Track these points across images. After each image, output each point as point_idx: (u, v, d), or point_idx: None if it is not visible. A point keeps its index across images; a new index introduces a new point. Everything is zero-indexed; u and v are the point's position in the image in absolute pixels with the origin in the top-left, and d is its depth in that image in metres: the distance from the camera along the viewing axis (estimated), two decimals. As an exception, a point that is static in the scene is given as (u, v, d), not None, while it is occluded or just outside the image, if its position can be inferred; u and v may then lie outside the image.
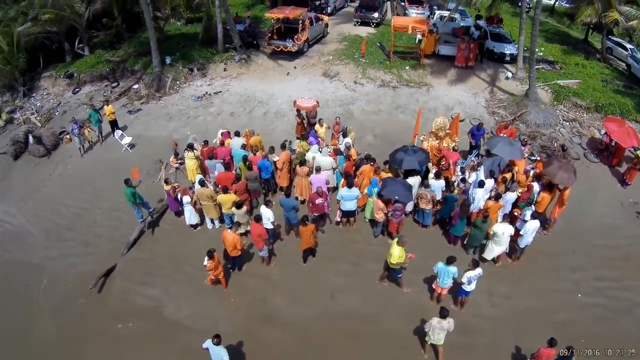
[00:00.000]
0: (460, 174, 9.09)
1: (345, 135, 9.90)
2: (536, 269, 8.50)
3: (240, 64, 15.15)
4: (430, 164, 9.37)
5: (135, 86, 14.78)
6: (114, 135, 12.35)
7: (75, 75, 15.54)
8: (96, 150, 12.48)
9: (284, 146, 9.62)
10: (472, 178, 8.86)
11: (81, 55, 16.32)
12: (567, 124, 12.67)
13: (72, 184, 11.37)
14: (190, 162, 9.94)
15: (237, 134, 10.21)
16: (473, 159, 9.76)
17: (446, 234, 8.93)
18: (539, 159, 10.42)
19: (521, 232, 7.89)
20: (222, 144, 10.12)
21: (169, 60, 15.11)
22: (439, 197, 8.69)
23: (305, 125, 11.06)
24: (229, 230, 7.75)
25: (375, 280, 8.08)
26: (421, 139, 10.03)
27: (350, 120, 12.42)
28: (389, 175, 8.80)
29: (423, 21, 14.62)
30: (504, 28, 16.90)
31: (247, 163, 9.17)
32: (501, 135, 10.21)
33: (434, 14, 17.45)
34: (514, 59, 14.76)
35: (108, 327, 7.64)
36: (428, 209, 8.67)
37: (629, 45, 16.87)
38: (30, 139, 12.85)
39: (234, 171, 9.48)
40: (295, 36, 14.90)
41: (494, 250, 8.07)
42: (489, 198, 8.41)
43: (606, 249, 9.08)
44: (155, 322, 7.68)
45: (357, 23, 18.28)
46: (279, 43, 15.05)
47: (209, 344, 6.10)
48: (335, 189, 9.34)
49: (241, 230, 8.52)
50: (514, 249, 8.36)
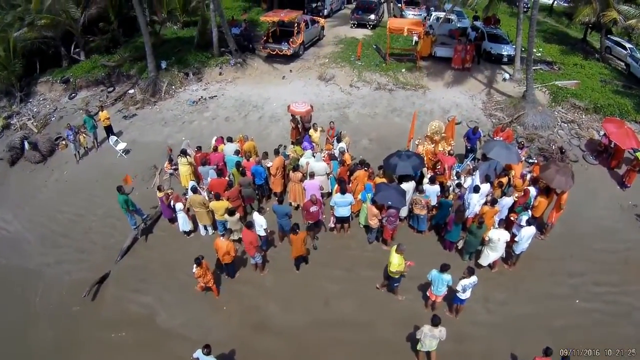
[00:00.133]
0: (456, 178, 8.98)
1: (339, 140, 9.81)
2: (533, 275, 8.39)
3: (236, 68, 15.08)
4: (425, 169, 9.27)
5: (131, 91, 14.73)
6: (108, 141, 12.32)
7: (71, 80, 15.51)
8: (91, 156, 12.47)
9: (277, 152, 9.56)
10: (468, 183, 8.75)
11: (77, 60, 16.30)
12: (566, 125, 12.53)
13: (68, 190, 11.36)
14: (184, 168, 9.89)
15: (230, 139, 10.15)
16: (469, 163, 9.66)
17: (441, 240, 8.83)
18: (536, 162, 10.29)
19: (516, 239, 7.78)
20: (216, 149, 10.06)
21: (164, 64, 15.05)
22: (433, 203, 8.59)
23: (300, 129, 10.99)
24: (222, 237, 7.69)
25: (372, 285, 8.00)
26: (416, 142, 9.94)
27: (345, 124, 12.36)
28: (383, 180, 8.72)
29: (419, 23, 14.51)
30: (502, 29, 16.75)
31: (241, 169, 9.11)
32: (497, 138, 10.10)
33: (431, 15, 17.33)
34: (511, 60, 14.61)
35: (101, 335, 7.60)
36: (423, 215, 8.58)
37: (628, 45, 16.67)
38: (26, 145, 12.86)
39: (227, 177, 9.44)
40: (291, 39, 14.84)
41: (490, 256, 7.99)
42: (485, 203, 8.31)
43: (605, 253, 8.96)
44: (148, 331, 7.63)
45: (354, 25, 18.19)
46: (274, 46, 14.99)
47: (199, 353, 6.08)
48: (329, 195, 9.26)
49: (234, 237, 8.46)
50: (509, 254, 8.25)
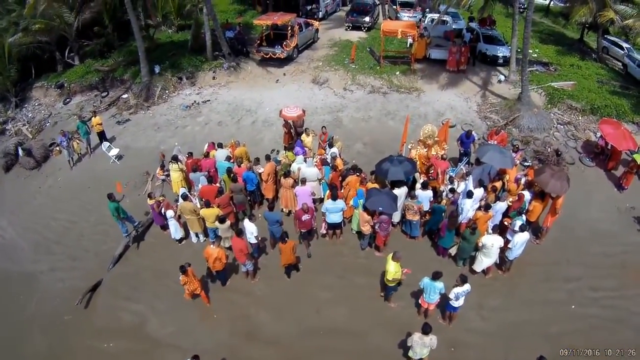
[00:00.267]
0: (449, 183, 8.87)
1: (331, 145, 9.71)
2: (528, 280, 8.29)
3: (229, 71, 14.99)
4: (417, 174, 9.16)
5: (125, 96, 14.67)
6: (101, 147, 12.26)
7: (65, 85, 15.48)
8: (85, 162, 12.42)
9: (268, 157, 9.47)
10: (461, 188, 8.64)
11: (72, 65, 16.25)
12: (562, 127, 12.39)
13: (61, 196, 11.31)
14: (175, 175, 9.82)
15: (220, 145, 10.07)
16: (462, 167, 9.54)
17: (435, 246, 8.73)
18: (531, 165, 10.16)
19: (509, 246, 7.67)
20: (207, 155, 9.98)
21: (157, 69, 14.98)
22: (426, 208, 8.48)
23: (292, 134, 10.90)
24: (212, 245, 7.62)
25: (365, 292, 7.93)
26: (409, 147, 9.83)
27: (339, 128, 12.28)
28: (376, 186, 8.61)
29: (413, 25, 14.38)
30: (497, 30, 16.62)
31: (232, 175, 9.03)
32: (491, 142, 9.98)
33: (426, 17, 17.21)
34: (507, 62, 14.49)
35: (93, 344, 7.55)
36: (415, 221, 8.47)
37: (625, 45, 16.51)
38: (20, 151, 12.82)
39: (218, 184, 9.36)
40: (284, 42, 14.75)
41: (484, 262, 7.88)
42: (479, 208, 8.20)
43: (602, 257, 8.84)
44: (139, 340, 7.58)
45: (349, 28, 18.08)
46: (267, 50, 14.89)
47: (188, 364, 5.99)
48: (321, 201, 9.16)
49: (225, 244, 8.38)
50: (504, 260, 8.14)
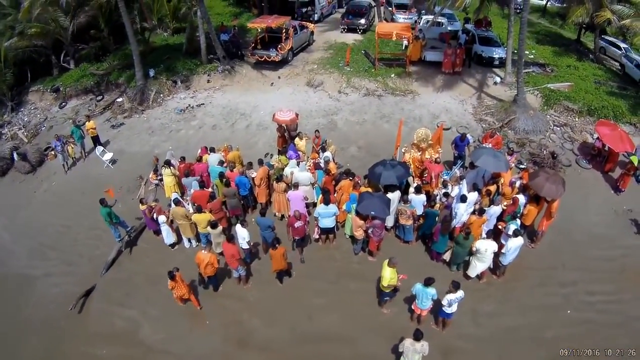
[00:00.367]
0: (443, 187, 8.80)
1: (324, 149, 9.65)
2: (523, 285, 8.20)
3: (224, 75, 14.93)
4: (410, 178, 9.09)
5: (119, 100, 14.63)
6: (95, 151, 12.24)
7: (61, 89, 15.47)
8: (79, 167, 12.40)
9: (261, 162, 9.41)
10: (455, 192, 8.57)
11: (67, 69, 16.25)
12: (558, 129, 12.31)
13: (56, 201, 11.28)
14: (168, 179, 9.79)
15: (212, 150, 10.03)
16: (457, 170, 9.46)
17: (429, 251, 8.65)
18: (526, 167, 10.07)
19: (503, 251, 7.59)
20: (200, 159, 9.93)
21: (152, 72, 14.93)
22: (419, 212, 8.41)
23: (286, 138, 10.84)
24: (203, 250, 7.58)
25: (357, 298, 7.86)
26: (403, 150, 9.76)
27: (333, 132, 12.21)
28: (369, 190, 8.54)
29: (408, 27, 14.30)
30: (493, 31, 16.52)
31: (225, 180, 8.98)
32: (486, 145, 9.90)
33: (421, 18, 17.12)
34: (503, 63, 14.37)
35: (87, 350, 7.53)
36: (409, 225, 8.40)
37: (622, 45, 16.35)
38: (15, 156, 12.79)
39: (210, 188, 9.31)
40: (279, 45, 14.67)
41: (477, 267, 7.80)
42: (473, 212, 8.12)
43: (598, 261, 8.74)
44: (132, 345, 7.55)
45: (344, 30, 18.00)
46: (262, 53, 14.83)
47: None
48: (315, 205, 9.10)
49: (217, 250, 8.33)
50: (498, 265, 8.05)
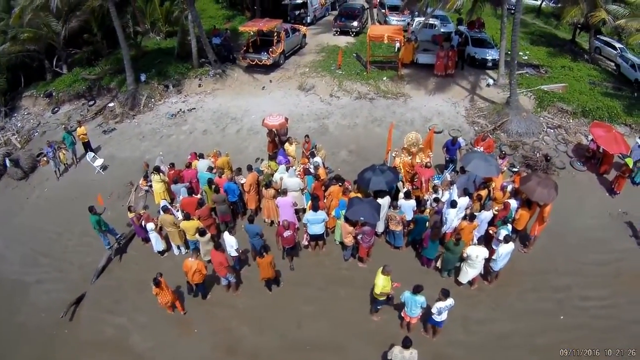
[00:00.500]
0: (433, 192, 8.71)
1: (313, 155, 9.57)
2: (515, 290, 8.10)
3: (215, 79, 14.84)
4: (400, 183, 9.00)
5: (111, 104, 14.56)
6: (86, 157, 12.17)
7: (54, 94, 15.41)
8: (71, 173, 12.36)
9: (250, 168, 9.32)
10: (446, 197, 8.48)
11: (60, 74, 16.20)
12: (552, 131, 12.20)
13: (48, 207, 11.24)
14: (157, 186, 9.71)
15: (201, 156, 9.95)
16: (448, 175, 9.37)
17: (419, 256, 8.55)
18: (518, 170, 9.96)
19: (494, 257, 7.49)
20: (189, 165, 9.85)
21: (143, 77, 14.85)
22: (409, 218, 8.31)
23: (276, 142, 10.76)
24: (190, 258, 7.52)
25: (347, 304, 7.77)
26: (393, 155, 9.67)
27: (324, 136, 12.11)
28: (358, 195, 8.45)
29: (399, 30, 14.18)
30: (487, 32, 16.39)
31: (214, 186, 8.90)
32: (477, 149, 9.81)
33: (414, 20, 16.99)
34: (496, 65, 14.26)
35: (77, 358, 7.52)
36: (399, 231, 8.30)
37: (618, 45, 16.29)
38: (7, 162, 12.73)
39: (199, 195, 9.24)
40: (271, 49, 14.59)
41: (469, 273, 7.71)
42: (464, 218, 8.03)
43: (593, 265, 8.63)
44: (121, 353, 7.53)
45: (337, 32, 17.89)
46: (253, 56, 14.73)
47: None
48: (304, 210, 9.02)
49: (207, 258, 8.25)
50: (489, 270, 7.95)
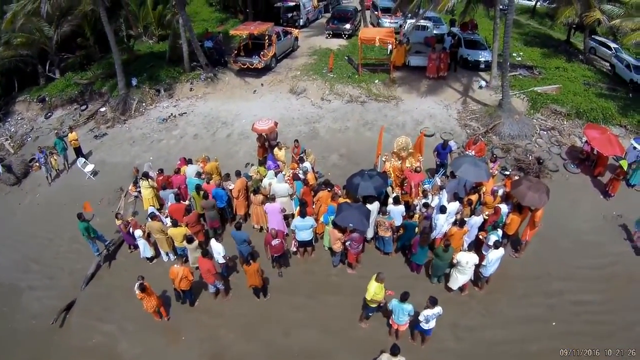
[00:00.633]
0: (423, 197, 8.62)
1: (302, 160, 9.49)
2: (506, 297, 8.00)
3: (207, 83, 14.76)
4: (389, 188, 8.90)
5: (102, 109, 14.49)
6: (77, 163, 12.12)
7: (47, 99, 15.38)
8: (63, 178, 12.33)
9: (239, 173, 9.23)
10: (435, 202, 8.38)
11: (53, 78, 16.17)
12: (545, 133, 12.10)
13: (40, 213, 11.21)
14: (146, 192, 9.65)
15: (190, 161, 9.87)
16: (438, 179, 9.28)
17: (409, 262, 8.45)
18: (509, 174, 9.86)
19: (484, 263, 7.39)
20: (178, 171, 9.77)
21: (135, 81, 14.77)
22: (398, 223, 8.22)
23: (266, 147, 10.69)
24: (176, 265, 7.49)
25: (335, 312, 7.70)
26: (383, 159, 9.59)
27: (315, 140, 12.03)
28: (347, 201, 8.37)
29: (391, 32, 14.09)
30: (480, 34, 16.30)
31: (202, 192, 8.82)
32: (468, 153, 9.71)
33: (407, 22, 16.88)
34: (489, 67, 14.16)
35: None
36: (388, 237, 8.21)
37: (613, 45, 16.18)
38: (0, 168, 12.69)
39: (187, 201, 9.16)
40: (262, 52, 14.50)
41: (459, 279, 7.60)
42: (454, 223, 7.93)
43: (586, 269, 8.53)
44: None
45: (329, 35, 17.83)
46: (245, 60, 14.63)
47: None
48: (293, 216, 8.94)
49: (196, 264, 8.17)
50: (479, 276, 7.85)
